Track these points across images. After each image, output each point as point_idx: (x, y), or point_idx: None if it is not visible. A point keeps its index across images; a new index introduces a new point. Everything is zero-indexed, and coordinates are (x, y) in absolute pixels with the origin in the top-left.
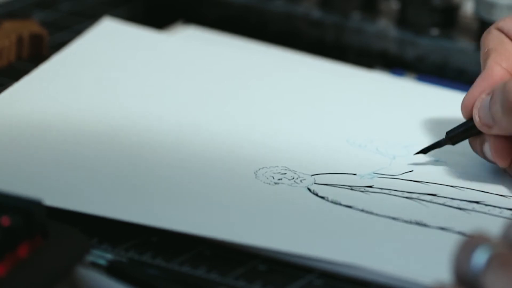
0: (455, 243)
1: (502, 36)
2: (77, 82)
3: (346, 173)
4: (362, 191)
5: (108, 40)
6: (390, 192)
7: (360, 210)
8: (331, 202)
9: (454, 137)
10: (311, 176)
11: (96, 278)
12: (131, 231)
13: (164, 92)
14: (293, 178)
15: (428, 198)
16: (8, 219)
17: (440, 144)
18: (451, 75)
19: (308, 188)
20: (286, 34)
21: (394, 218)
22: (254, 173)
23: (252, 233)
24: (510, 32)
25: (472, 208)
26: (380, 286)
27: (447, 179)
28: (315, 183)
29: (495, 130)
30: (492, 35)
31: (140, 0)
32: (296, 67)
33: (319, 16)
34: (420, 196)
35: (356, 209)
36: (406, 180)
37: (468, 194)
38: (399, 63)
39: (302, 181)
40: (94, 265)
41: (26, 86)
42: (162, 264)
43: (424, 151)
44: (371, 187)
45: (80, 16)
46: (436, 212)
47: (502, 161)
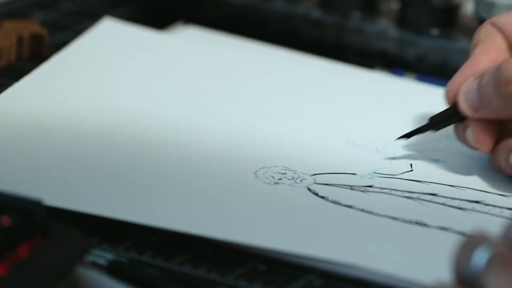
0: (455, 243)
1: (494, 30)
2: (77, 82)
3: (346, 173)
4: (362, 191)
5: (108, 40)
6: (390, 191)
7: (360, 210)
8: (331, 202)
9: (436, 123)
10: (311, 176)
11: (96, 278)
12: (131, 231)
13: (164, 92)
14: (293, 178)
15: (428, 197)
16: (8, 219)
17: (423, 130)
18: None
19: (308, 188)
20: (286, 34)
21: (394, 218)
22: (254, 173)
23: (252, 233)
24: (503, 26)
25: (472, 207)
26: (380, 286)
27: (447, 179)
28: (315, 183)
29: (481, 113)
30: (484, 29)
31: (140, 0)
32: (296, 67)
33: (319, 16)
34: (420, 196)
35: (356, 209)
36: (406, 179)
37: (468, 194)
38: (399, 63)
39: (302, 181)
40: (94, 265)
41: (26, 86)
42: (162, 264)
43: (406, 136)
44: (371, 186)
45: (80, 16)
46: (436, 212)
47: (483, 146)
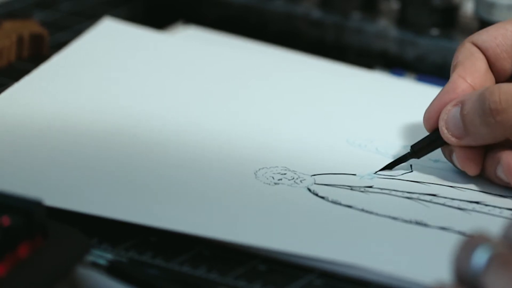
0: (455, 243)
1: (474, 49)
2: (77, 82)
3: (346, 173)
4: (362, 191)
5: (108, 40)
6: (390, 192)
7: (360, 210)
8: (331, 202)
9: (419, 150)
10: (311, 176)
11: (96, 278)
12: (131, 231)
13: (164, 92)
14: (293, 178)
15: (428, 198)
16: (8, 219)
17: (405, 159)
18: None
19: (308, 188)
20: (286, 34)
21: (394, 218)
22: (254, 173)
23: (252, 233)
24: (484, 44)
25: (472, 208)
26: (380, 286)
27: (447, 179)
28: (315, 183)
29: (466, 141)
30: (464, 48)
31: (140, 0)
32: (296, 67)
33: (319, 16)
34: (420, 196)
35: (356, 209)
36: (406, 180)
37: (468, 194)
38: (399, 63)
39: (302, 181)
40: (94, 265)
41: (26, 86)
42: (162, 264)
43: (388, 167)
44: (371, 187)
45: (80, 16)
46: (436, 212)
47: (470, 170)
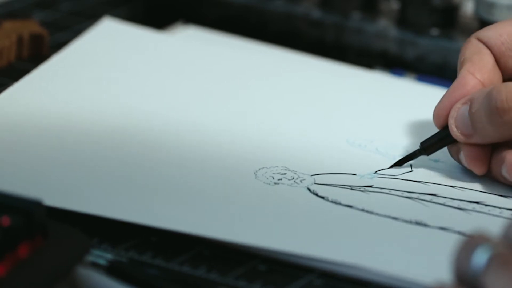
0: (455, 243)
1: (481, 46)
2: (77, 82)
3: (346, 173)
4: (362, 191)
5: (108, 40)
6: (390, 192)
7: (360, 210)
8: (331, 202)
9: (428, 147)
10: (311, 176)
11: (96, 278)
12: (131, 231)
13: (164, 92)
14: (293, 178)
15: (428, 198)
16: (8, 219)
17: (415, 155)
18: (451, 75)
19: (308, 188)
20: (286, 34)
21: (394, 218)
22: (254, 173)
23: (252, 233)
24: (490, 41)
25: (472, 208)
26: (380, 286)
27: (447, 179)
28: (315, 183)
29: (475, 139)
30: (470, 44)
31: (140, 0)
32: (296, 67)
33: (319, 16)
34: (420, 196)
35: (356, 209)
36: (406, 180)
37: (468, 194)
38: (399, 63)
39: (302, 181)
40: (94, 265)
41: (26, 86)
42: (162, 264)
43: (398, 163)
44: (371, 187)
45: (80, 16)
46: (436, 212)
47: (477, 169)
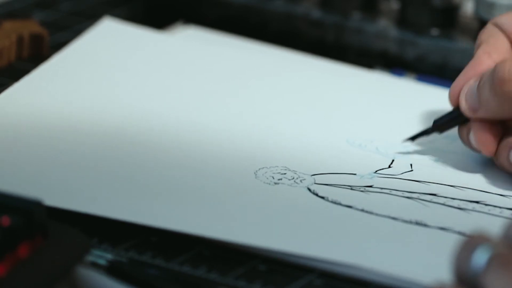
0: (455, 243)
1: (496, 30)
2: (77, 82)
3: (346, 173)
4: (362, 191)
5: (108, 40)
6: (390, 192)
7: (360, 210)
8: (331, 202)
9: (441, 125)
10: (311, 176)
11: (96, 278)
12: (131, 231)
13: (164, 92)
14: (293, 178)
15: (428, 197)
16: (8, 219)
17: (427, 132)
18: (451, 75)
19: (308, 188)
20: (286, 34)
21: (394, 218)
22: (254, 173)
23: (252, 233)
24: (505, 25)
25: (472, 208)
26: (380, 286)
27: (447, 179)
28: (315, 183)
29: (480, 113)
30: (487, 29)
31: (140, 0)
32: (296, 67)
33: (319, 16)
34: (420, 196)
35: (356, 209)
36: (406, 179)
37: (468, 194)
38: (399, 63)
39: (302, 181)
40: (94, 265)
41: (26, 86)
42: (162, 264)
43: (411, 139)
44: (371, 186)
45: (80, 16)
46: (436, 212)
47: (485, 148)
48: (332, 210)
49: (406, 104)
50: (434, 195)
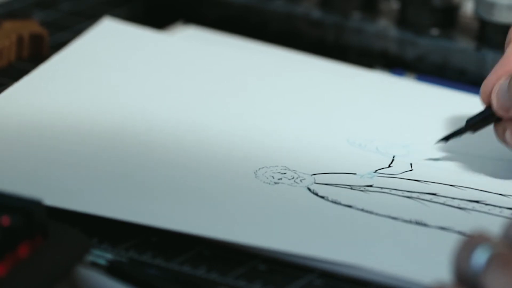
0: (455, 242)
1: None
2: (77, 82)
3: (346, 172)
4: (362, 190)
5: (108, 40)
6: (390, 191)
7: (360, 210)
8: (331, 202)
9: (474, 124)
10: (311, 175)
11: (96, 278)
12: (131, 231)
13: (164, 92)
14: (293, 178)
15: (428, 197)
16: (8, 219)
17: (460, 132)
18: (451, 75)
19: (308, 188)
20: (286, 34)
21: (394, 218)
22: (254, 173)
23: (252, 233)
24: None
25: (472, 207)
26: (380, 286)
27: (447, 178)
28: (315, 183)
29: None
30: None
31: (140, 0)
32: (296, 67)
33: (319, 16)
34: (420, 196)
35: (356, 208)
36: (406, 179)
37: (468, 194)
38: (399, 63)
39: (302, 180)
40: (94, 265)
41: (26, 86)
42: (162, 264)
43: (445, 140)
44: (371, 186)
45: (80, 16)
46: (436, 211)
47: None
48: (332, 210)
49: (406, 104)
50: (434, 194)
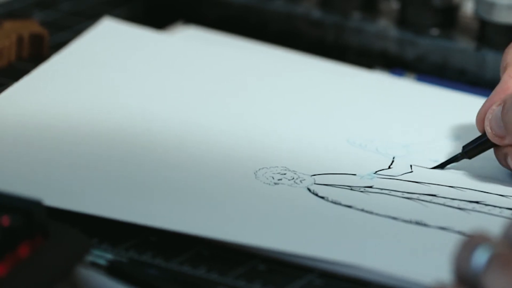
0: (455, 243)
1: None
2: (77, 82)
3: (346, 173)
4: (362, 191)
5: (108, 40)
6: (390, 192)
7: (360, 210)
8: (331, 202)
9: (470, 151)
10: (311, 176)
11: (96, 278)
12: (131, 231)
13: (164, 92)
14: (293, 178)
15: (428, 198)
16: (8, 219)
17: (456, 159)
18: (451, 75)
19: (308, 188)
20: (286, 34)
21: (394, 218)
22: (254, 173)
23: (252, 233)
24: None
25: (472, 208)
26: (380, 286)
27: (447, 179)
28: (315, 183)
29: (508, 140)
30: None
31: (140, 0)
32: (296, 67)
33: (319, 16)
34: (420, 197)
35: (356, 209)
36: (406, 180)
37: (468, 194)
38: (399, 63)
39: (302, 181)
40: (94, 265)
41: (26, 86)
42: (162, 264)
43: (441, 166)
44: (371, 187)
45: (80, 16)
46: (436, 212)
47: None
48: (332, 210)
49: (406, 104)
50: (434, 195)
